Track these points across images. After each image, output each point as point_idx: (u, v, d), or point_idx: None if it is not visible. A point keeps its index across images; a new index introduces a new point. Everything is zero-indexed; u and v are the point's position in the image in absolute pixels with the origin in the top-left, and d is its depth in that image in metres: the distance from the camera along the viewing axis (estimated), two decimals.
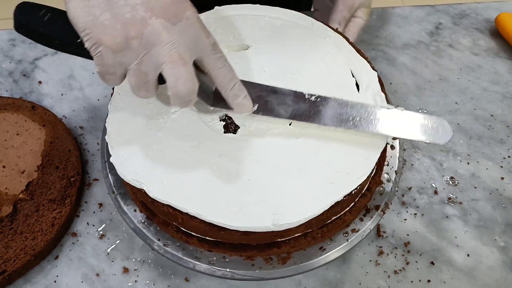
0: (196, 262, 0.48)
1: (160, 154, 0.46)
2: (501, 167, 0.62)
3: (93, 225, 0.57)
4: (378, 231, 0.57)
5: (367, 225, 0.50)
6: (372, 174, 0.49)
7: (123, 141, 0.47)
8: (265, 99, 0.46)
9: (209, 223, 0.43)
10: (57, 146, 0.60)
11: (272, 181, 0.44)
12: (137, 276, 0.54)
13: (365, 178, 0.45)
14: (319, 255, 0.49)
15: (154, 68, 0.39)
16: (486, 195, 0.60)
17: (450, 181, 0.61)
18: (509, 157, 0.63)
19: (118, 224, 0.57)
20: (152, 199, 0.44)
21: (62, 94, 0.68)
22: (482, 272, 0.54)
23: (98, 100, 0.67)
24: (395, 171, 0.53)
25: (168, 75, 0.38)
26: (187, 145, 0.47)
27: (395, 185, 0.53)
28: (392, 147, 0.55)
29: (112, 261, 0.54)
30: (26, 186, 0.57)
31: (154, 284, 0.53)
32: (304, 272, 0.48)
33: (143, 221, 0.50)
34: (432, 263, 0.55)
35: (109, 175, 0.52)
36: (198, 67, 0.42)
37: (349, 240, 0.49)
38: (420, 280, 0.54)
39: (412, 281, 0.54)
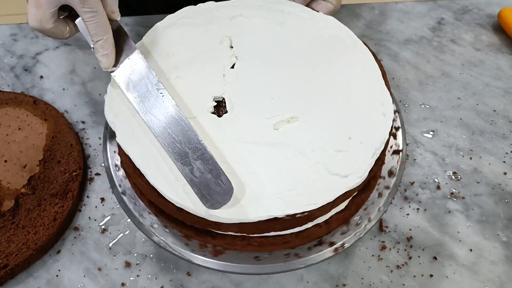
0: (196, 255, 0.48)
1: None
2: (504, 162, 0.62)
3: (95, 220, 0.57)
4: (381, 226, 0.57)
5: (370, 219, 0.50)
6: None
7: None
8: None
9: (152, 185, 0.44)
10: (58, 141, 0.60)
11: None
12: (139, 270, 0.54)
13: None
14: (321, 249, 0.49)
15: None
16: (488, 190, 0.60)
17: (452, 176, 0.61)
18: (511, 152, 0.63)
19: (120, 218, 0.57)
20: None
21: (63, 89, 0.68)
22: (484, 267, 0.54)
23: (100, 95, 0.67)
24: (397, 166, 0.53)
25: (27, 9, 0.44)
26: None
27: (397, 180, 0.53)
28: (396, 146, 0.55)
29: (114, 256, 0.54)
30: (28, 180, 0.57)
31: (156, 279, 0.53)
32: (306, 267, 0.48)
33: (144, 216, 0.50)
34: (435, 258, 0.55)
35: (110, 167, 0.52)
36: None
37: (351, 235, 0.49)
38: (422, 275, 0.54)
39: (414, 276, 0.54)
